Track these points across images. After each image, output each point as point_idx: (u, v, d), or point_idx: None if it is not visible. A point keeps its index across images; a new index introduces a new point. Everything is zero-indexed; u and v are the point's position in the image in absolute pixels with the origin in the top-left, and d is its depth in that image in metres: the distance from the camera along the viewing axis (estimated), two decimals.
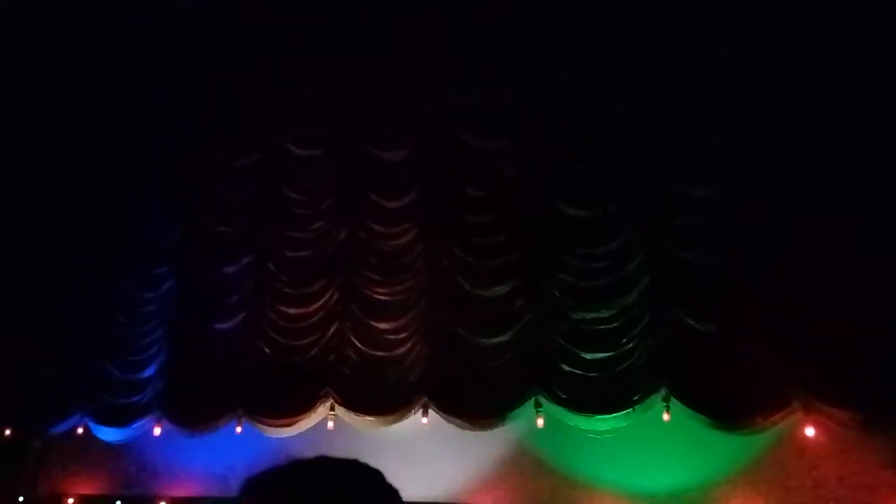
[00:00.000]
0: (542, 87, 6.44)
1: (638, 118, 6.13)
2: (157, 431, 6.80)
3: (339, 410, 6.30)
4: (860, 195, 5.36)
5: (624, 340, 5.80)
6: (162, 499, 7.01)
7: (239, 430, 6.56)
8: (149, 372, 6.95)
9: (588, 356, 5.83)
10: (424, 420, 6.13)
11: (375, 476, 1.41)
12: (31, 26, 7.70)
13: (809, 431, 5.36)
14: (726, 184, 5.76)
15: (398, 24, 6.85)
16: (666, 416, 5.59)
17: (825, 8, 5.79)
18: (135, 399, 6.86)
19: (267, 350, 6.60)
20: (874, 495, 5.51)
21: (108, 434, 6.99)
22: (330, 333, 6.53)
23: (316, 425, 6.41)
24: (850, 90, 5.55)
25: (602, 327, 5.89)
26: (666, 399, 5.58)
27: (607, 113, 6.22)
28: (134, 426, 6.84)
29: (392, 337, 6.39)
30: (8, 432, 7.24)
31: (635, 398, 5.61)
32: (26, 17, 7.60)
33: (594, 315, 5.92)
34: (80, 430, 7.06)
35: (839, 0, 5.84)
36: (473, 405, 6.02)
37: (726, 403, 5.42)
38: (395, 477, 1.41)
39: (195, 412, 6.62)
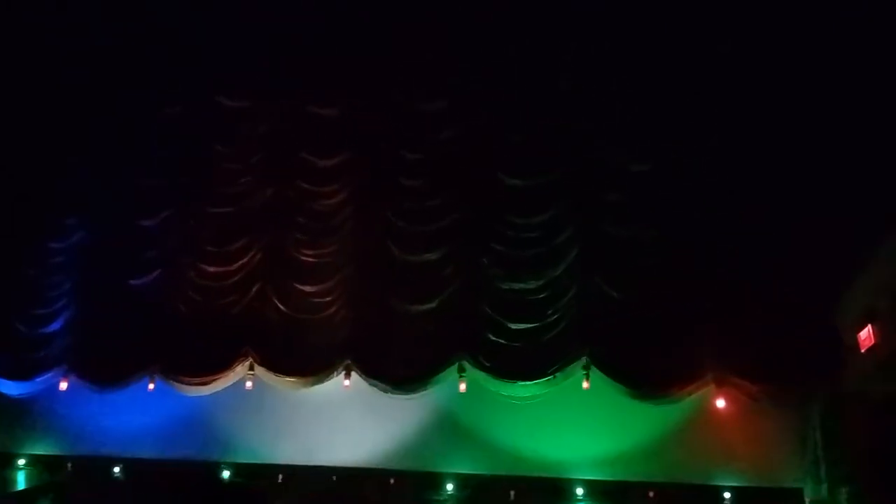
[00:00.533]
0: (486, 55, 6.31)
1: (581, 93, 6.10)
2: (63, 386, 6.51)
3: (259, 370, 6.18)
4: (802, 177, 5.51)
5: (549, 311, 5.86)
6: (68, 459, 6.77)
7: (151, 387, 6.36)
8: (56, 325, 6.65)
9: (514, 326, 5.88)
10: (346, 383, 6.08)
11: None
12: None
13: (720, 402, 5.59)
14: (661, 159, 5.84)
15: None
16: (585, 384, 5.69)
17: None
18: (41, 353, 6.55)
19: (184, 308, 6.38)
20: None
21: (11, 388, 6.70)
22: (251, 294, 6.35)
23: (235, 385, 6.29)
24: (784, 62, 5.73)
25: (529, 298, 5.92)
26: (586, 367, 5.68)
27: (550, 86, 6.18)
28: (38, 380, 6.54)
29: (317, 300, 6.27)
30: None
31: (556, 366, 5.70)
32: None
33: (522, 285, 5.95)
34: None
35: None
36: (397, 369, 6.00)
37: (645, 374, 5.57)
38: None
39: (105, 368, 6.37)
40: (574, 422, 6.03)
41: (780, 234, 5.50)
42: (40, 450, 6.90)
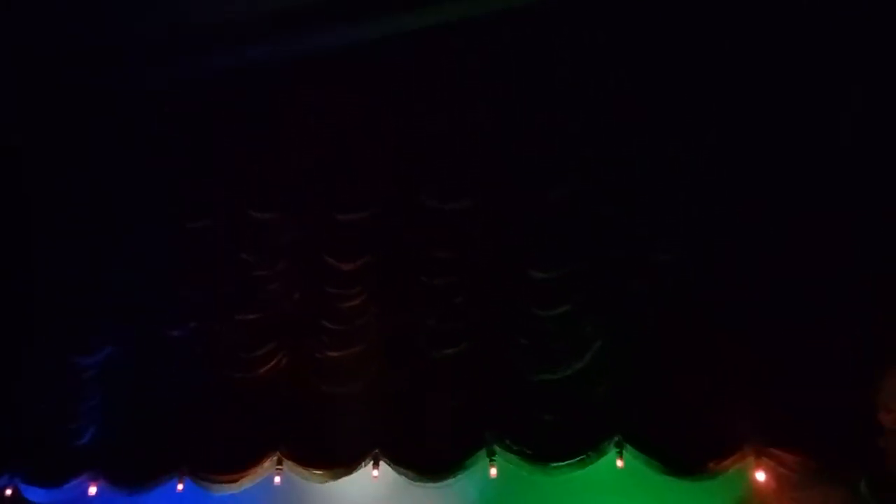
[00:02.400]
0: (508, 154, 6.40)
1: (601, 185, 6.13)
2: (92, 491, 6.50)
3: (287, 465, 6.13)
4: (830, 232, 5.41)
5: (578, 397, 5.75)
6: None
7: (180, 487, 6.32)
8: (86, 437, 6.66)
9: (545, 415, 5.76)
10: (375, 473, 5.98)
11: None
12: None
13: (760, 476, 5.36)
14: (686, 248, 5.80)
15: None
16: (620, 463, 5.55)
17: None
18: (70, 457, 6.56)
19: (211, 411, 6.42)
20: None
21: (40, 495, 6.67)
22: (279, 393, 6.37)
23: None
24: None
25: (556, 386, 5.82)
26: (619, 445, 5.54)
27: (571, 180, 6.20)
28: (68, 486, 6.53)
29: (343, 397, 6.24)
30: None
31: (589, 446, 5.57)
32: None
33: (549, 376, 5.86)
34: (8, 492, 6.70)
35: None
36: (424, 457, 5.91)
37: (679, 449, 5.42)
38: None
39: (135, 471, 6.37)
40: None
41: (816, 308, 5.33)
42: None
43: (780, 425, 5.24)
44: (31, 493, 6.70)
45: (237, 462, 6.19)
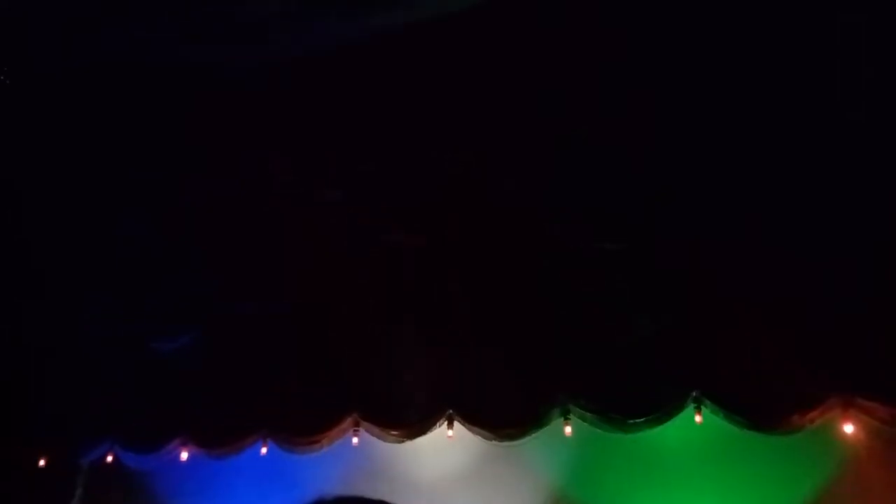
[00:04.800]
0: None
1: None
2: (184, 456, 6.78)
3: (364, 425, 6.24)
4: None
5: (654, 355, 5.60)
6: None
7: (264, 450, 6.51)
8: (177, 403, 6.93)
9: (620, 375, 5.64)
10: (450, 433, 6.01)
11: None
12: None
13: (848, 429, 5.10)
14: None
15: None
16: (698, 418, 5.40)
17: None
18: (162, 424, 6.87)
19: (291, 377, 6.59)
20: None
21: (136, 461, 7.01)
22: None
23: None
24: None
25: (630, 346, 5.70)
26: (697, 400, 5.40)
27: None
28: (161, 452, 6.83)
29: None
30: (42, 462, 7.24)
31: (666, 401, 5.46)
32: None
33: (624, 337, 5.73)
34: (109, 459, 7.07)
35: None
36: (499, 416, 5.90)
37: (760, 402, 5.22)
38: None
39: (221, 433, 6.62)
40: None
41: None
42: None
43: (867, 374, 4.97)
44: (129, 459, 7.01)
45: (315, 424, 6.34)
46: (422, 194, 6.80)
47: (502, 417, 5.88)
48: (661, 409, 5.47)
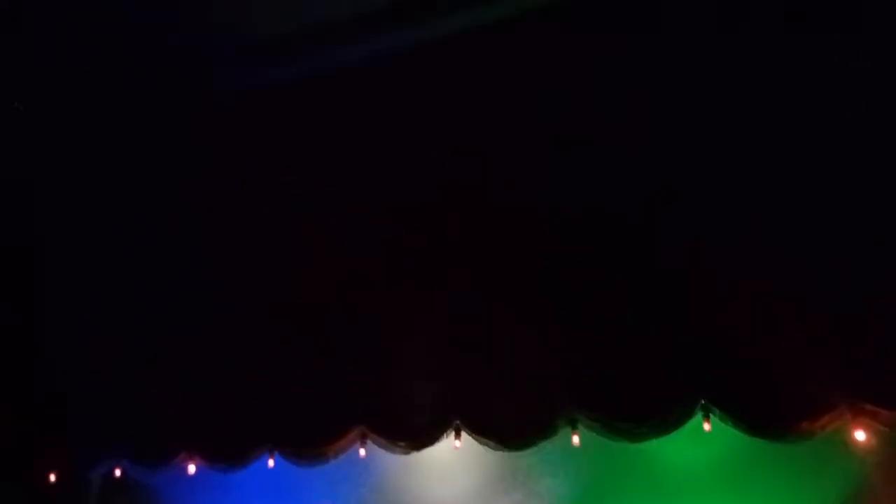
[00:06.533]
0: None
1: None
2: (191, 469, 6.77)
3: (371, 437, 6.20)
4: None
5: (659, 363, 5.55)
6: None
7: (271, 463, 6.51)
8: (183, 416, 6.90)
9: (626, 383, 5.59)
10: (457, 443, 5.97)
11: None
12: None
13: (860, 436, 5.04)
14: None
15: None
16: (707, 426, 5.34)
17: None
18: (169, 437, 6.85)
19: (296, 388, 6.52)
20: None
21: (144, 476, 7.02)
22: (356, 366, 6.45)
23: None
24: None
25: (635, 353, 5.64)
26: (705, 409, 5.34)
27: None
28: (169, 465, 6.82)
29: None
30: (53, 477, 7.25)
31: (673, 407, 5.40)
32: None
33: (628, 343, 5.67)
34: (117, 473, 7.07)
35: None
36: (506, 427, 5.85)
37: (768, 409, 5.17)
38: None
39: (226, 446, 6.61)
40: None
41: None
42: None
43: (875, 380, 4.91)
44: (137, 473, 7.02)
45: (322, 436, 6.32)
46: (422, 195, 6.71)
47: (509, 427, 5.83)
48: (668, 416, 5.42)
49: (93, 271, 7.65)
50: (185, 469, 6.80)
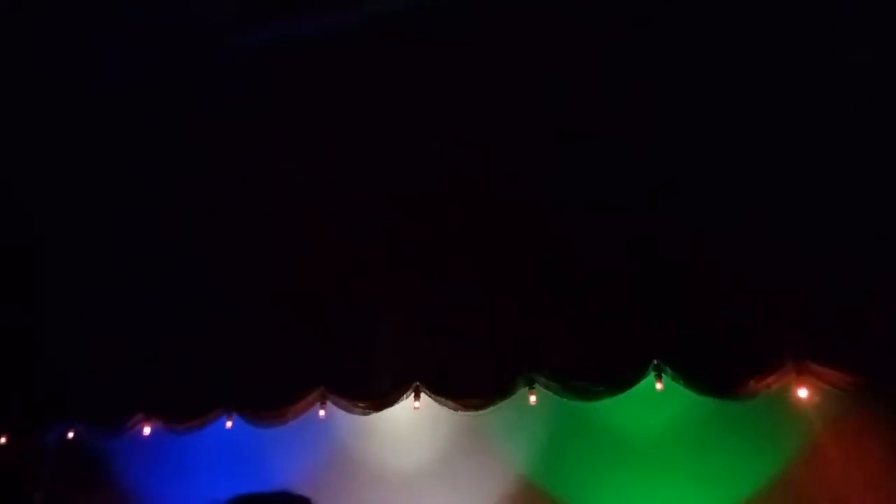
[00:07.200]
0: None
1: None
2: (146, 431, 6.74)
3: (330, 398, 6.24)
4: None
5: (613, 323, 5.72)
6: None
7: (229, 424, 6.49)
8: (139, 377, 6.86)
9: (580, 344, 5.75)
10: (417, 404, 6.06)
11: None
12: None
13: (802, 393, 5.25)
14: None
15: None
16: (659, 386, 5.51)
17: None
18: (124, 399, 6.79)
19: (256, 349, 6.57)
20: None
21: (99, 438, 6.96)
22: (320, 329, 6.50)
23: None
24: None
25: (590, 314, 5.81)
26: (658, 368, 5.51)
27: None
28: (124, 427, 6.77)
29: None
30: (2, 440, 7.16)
31: (626, 369, 5.56)
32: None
33: (583, 304, 5.84)
34: (70, 435, 6.99)
35: None
36: (464, 387, 5.95)
37: (717, 367, 5.35)
38: None
39: (183, 407, 6.57)
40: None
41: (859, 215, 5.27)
42: None
43: (821, 339, 5.14)
44: (92, 436, 6.95)
45: (281, 397, 6.32)
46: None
47: (468, 388, 5.94)
48: (622, 376, 5.58)
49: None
50: (140, 431, 6.76)
